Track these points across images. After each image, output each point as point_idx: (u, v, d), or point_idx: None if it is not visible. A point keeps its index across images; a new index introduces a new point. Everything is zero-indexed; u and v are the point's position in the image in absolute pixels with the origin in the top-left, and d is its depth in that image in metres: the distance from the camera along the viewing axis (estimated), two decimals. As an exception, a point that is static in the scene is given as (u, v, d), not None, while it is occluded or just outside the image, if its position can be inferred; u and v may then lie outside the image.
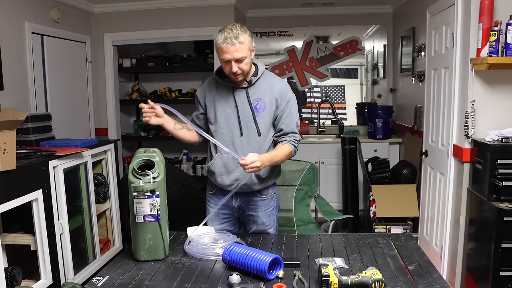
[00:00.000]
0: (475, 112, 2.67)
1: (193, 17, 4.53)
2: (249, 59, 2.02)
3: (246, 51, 1.98)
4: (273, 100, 2.11)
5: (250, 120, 2.10)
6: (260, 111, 2.10)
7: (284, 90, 2.13)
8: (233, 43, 1.93)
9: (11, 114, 2.34)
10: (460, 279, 2.87)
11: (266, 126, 2.13)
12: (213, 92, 2.16)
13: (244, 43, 1.95)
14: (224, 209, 2.24)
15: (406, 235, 2.16)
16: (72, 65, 4.33)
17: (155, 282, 1.67)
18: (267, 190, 2.25)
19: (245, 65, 2.00)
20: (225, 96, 2.12)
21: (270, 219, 2.27)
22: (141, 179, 1.82)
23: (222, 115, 2.12)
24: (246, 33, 1.99)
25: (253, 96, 2.11)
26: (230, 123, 2.11)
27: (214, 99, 2.15)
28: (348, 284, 1.51)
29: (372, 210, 3.94)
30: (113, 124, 4.87)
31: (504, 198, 2.43)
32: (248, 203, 2.22)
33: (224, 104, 2.12)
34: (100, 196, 3.27)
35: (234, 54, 1.95)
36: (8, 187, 2.25)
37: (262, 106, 2.10)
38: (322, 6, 4.95)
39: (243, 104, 2.10)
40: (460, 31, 2.81)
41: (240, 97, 2.11)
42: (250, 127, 2.10)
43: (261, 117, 2.11)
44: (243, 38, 1.95)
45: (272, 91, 2.12)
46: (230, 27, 1.97)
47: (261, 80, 2.13)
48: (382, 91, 5.28)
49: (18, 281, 2.29)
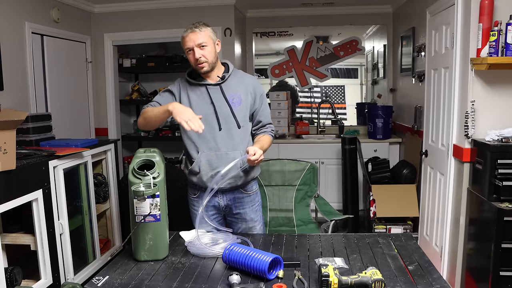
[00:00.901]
0: (475, 112, 2.67)
1: (193, 17, 4.50)
2: (213, 49, 2.11)
3: (208, 39, 2.09)
4: (248, 94, 2.20)
5: (228, 114, 2.15)
6: (236, 105, 2.17)
7: (256, 84, 2.26)
8: (193, 30, 2.07)
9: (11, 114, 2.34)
10: (460, 279, 2.87)
11: (245, 119, 2.20)
12: (186, 92, 2.19)
13: (204, 32, 2.09)
14: (211, 210, 2.26)
15: (406, 235, 2.16)
16: (72, 65, 4.33)
17: (155, 282, 1.67)
18: (251, 186, 2.29)
19: (208, 52, 2.09)
20: (200, 94, 2.17)
21: (257, 214, 2.32)
22: (141, 179, 1.82)
23: (199, 113, 2.08)
24: (209, 27, 2.14)
25: (228, 92, 2.17)
26: (208, 119, 2.13)
27: (189, 99, 2.17)
28: (348, 284, 1.50)
29: (372, 210, 3.94)
30: (113, 124, 4.87)
31: (504, 198, 2.43)
32: (235, 201, 2.25)
33: (199, 102, 2.16)
34: (100, 196, 3.27)
35: (195, 40, 2.07)
36: (8, 187, 2.25)
37: (238, 100, 2.18)
38: (322, 6, 4.95)
39: (219, 99, 2.16)
40: (460, 31, 2.81)
41: (215, 94, 2.16)
42: (229, 121, 2.15)
43: (238, 110, 2.17)
44: (204, 28, 2.10)
45: (246, 86, 2.21)
46: (193, 23, 2.12)
47: (232, 76, 2.22)
48: (382, 91, 5.28)
49: (18, 281, 2.29)
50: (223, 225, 2.34)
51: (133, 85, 5.41)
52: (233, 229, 2.31)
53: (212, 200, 2.23)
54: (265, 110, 2.27)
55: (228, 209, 2.27)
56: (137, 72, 5.50)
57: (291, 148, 4.73)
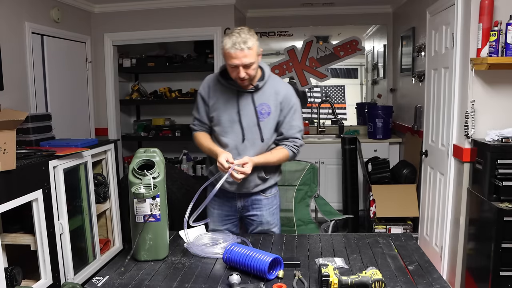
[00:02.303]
0: (475, 112, 2.67)
1: (193, 17, 4.53)
2: (257, 64, 1.99)
3: (254, 57, 1.94)
4: (278, 104, 2.09)
5: (254, 125, 2.07)
6: (265, 116, 2.07)
7: (288, 95, 2.11)
8: (241, 48, 1.89)
9: (11, 114, 2.34)
10: (460, 279, 2.87)
11: (270, 132, 2.11)
12: (216, 93, 2.11)
13: (252, 49, 1.92)
14: (227, 211, 2.24)
15: (406, 235, 2.16)
16: (72, 65, 4.33)
17: (155, 282, 1.67)
18: (271, 189, 2.25)
19: (252, 70, 1.97)
20: (229, 99, 2.08)
21: (274, 217, 2.28)
22: (141, 179, 1.82)
23: (226, 119, 2.08)
24: (254, 37, 1.96)
25: (258, 101, 2.07)
26: (233, 127, 2.08)
27: (218, 101, 2.10)
28: (348, 284, 1.50)
29: (372, 210, 3.94)
30: (113, 124, 4.87)
31: (504, 198, 2.43)
32: (252, 203, 2.22)
33: (227, 107, 2.08)
34: (100, 196, 3.27)
35: (242, 60, 1.91)
36: (8, 187, 2.25)
37: (267, 110, 2.07)
38: (322, 6, 4.95)
39: (248, 108, 2.06)
40: (460, 31, 2.81)
41: (245, 102, 2.07)
42: (254, 132, 2.08)
43: (265, 122, 2.08)
44: (252, 43, 1.92)
45: (277, 95, 2.09)
46: (238, 31, 1.92)
47: (267, 84, 2.09)
48: (382, 91, 5.28)
49: (18, 281, 2.29)
50: (237, 227, 2.30)
51: (133, 85, 5.41)
52: (247, 230, 2.30)
53: (230, 201, 2.21)
54: (290, 123, 2.11)
55: (245, 210, 2.24)
56: (137, 72, 5.50)
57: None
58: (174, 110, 5.44)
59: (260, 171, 2.14)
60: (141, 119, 5.60)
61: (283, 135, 2.14)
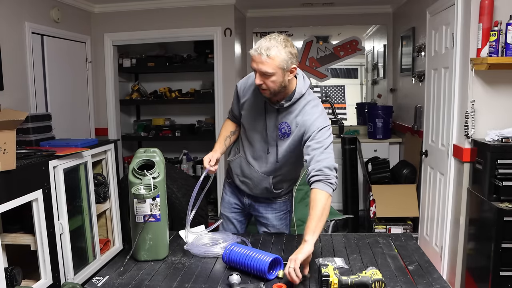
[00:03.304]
0: (475, 112, 2.67)
1: (193, 17, 4.53)
2: (280, 79, 1.79)
3: (275, 68, 1.76)
4: (299, 129, 1.91)
5: (274, 142, 1.99)
6: (284, 136, 1.95)
7: (313, 124, 1.86)
8: (260, 53, 1.75)
9: (11, 114, 2.34)
10: (460, 279, 2.87)
11: (291, 156, 1.99)
12: (250, 93, 2.02)
13: (273, 59, 1.74)
14: (235, 201, 2.26)
15: (406, 235, 2.16)
16: (72, 65, 4.33)
17: (155, 282, 1.67)
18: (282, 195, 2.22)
19: (271, 82, 1.79)
20: (258, 107, 1.99)
21: (281, 222, 2.23)
22: (141, 179, 1.82)
23: (252, 126, 2.03)
24: (285, 49, 1.75)
25: (281, 119, 1.94)
26: (255, 136, 2.02)
27: (248, 102, 2.02)
28: (348, 284, 1.50)
29: (372, 210, 3.94)
30: (113, 124, 4.87)
31: (504, 198, 2.43)
32: (259, 204, 2.21)
33: (255, 115, 2.00)
34: (100, 196, 3.27)
35: (259, 66, 1.77)
36: (8, 187, 2.25)
37: (287, 131, 1.94)
38: (322, 6, 4.95)
39: (271, 123, 1.97)
40: (460, 31, 2.81)
41: (270, 115, 1.96)
42: (273, 149, 2.01)
43: (284, 142, 1.97)
44: (275, 53, 1.74)
45: (301, 121, 1.90)
46: (271, 37, 1.79)
47: (296, 105, 1.92)
48: (382, 91, 5.28)
49: (18, 281, 2.28)
50: (244, 218, 2.30)
51: (133, 85, 5.41)
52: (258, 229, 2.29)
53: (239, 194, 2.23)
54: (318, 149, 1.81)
55: (252, 209, 2.24)
56: (137, 72, 5.50)
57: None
58: (174, 110, 5.44)
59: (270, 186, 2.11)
60: (141, 119, 5.60)
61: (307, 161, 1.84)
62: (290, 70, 1.81)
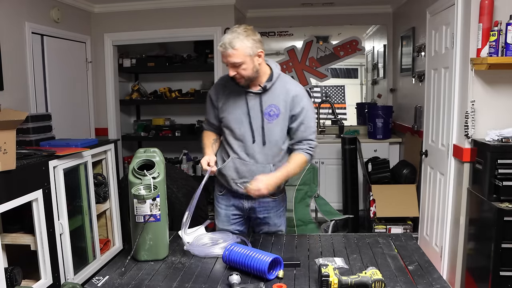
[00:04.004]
0: (475, 112, 2.66)
1: (193, 17, 4.53)
2: (250, 65, 1.94)
3: (242, 57, 1.90)
4: (287, 105, 2.04)
5: (259, 128, 2.05)
6: (273, 118, 2.04)
7: (299, 95, 2.05)
8: (225, 48, 1.90)
9: (11, 114, 2.34)
10: (460, 279, 2.87)
11: (280, 134, 2.07)
12: (226, 94, 2.10)
13: (238, 49, 1.89)
14: (234, 210, 2.23)
15: (406, 235, 2.16)
16: (72, 65, 4.33)
17: (155, 282, 1.67)
18: (279, 192, 2.24)
19: (243, 70, 1.94)
20: (238, 100, 2.06)
21: (281, 219, 2.27)
22: (141, 179, 1.82)
23: (235, 120, 2.07)
24: (247, 38, 1.91)
25: (266, 102, 2.03)
26: (242, 128, 2.06)
27: (227, 102, 2.09)
28: (348, 284, 1.50)
29: (372, 210, 3.94)
30: (113, 124, 4.87)
31: (504, 198, 2.43)
32: (260, 205, 2.20)
33: (236, 108, 2.06)
34: (100, 196, 3.27)
35: (228, 59, 1.92)
36: (8, 187, 2.25)
37: (276, 112, 2.03)
38: (322, 6, 4.95)
39: (256, 110, 2.04)
40: (460, 31, 2.81)
41: (252, 103, 2.04)
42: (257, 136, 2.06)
43: (273, 124, 2.05)
44: (239, 44, 1.88)
45: (287, 96, 2.04)
46: (232, 30, 1.93)
47: (276, 84, 2.05)
48: (382, 91, 5.28)
49: (18, 281, 2.29)
50: (245, 226, 2.30)
51: (133, 85, 5.41)
52: (255, 230, 2.30)
53: (237, 201, 2.21)
54: (305, 124, 2.06)
55: (252, 211, 2.22)
56: (137, 72, 5.49)
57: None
58: (174, 110, 5.44)
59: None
60: (141, 119, 5.60)
61: (296, 137, 2.09)
62: (257, 54, 1.96)
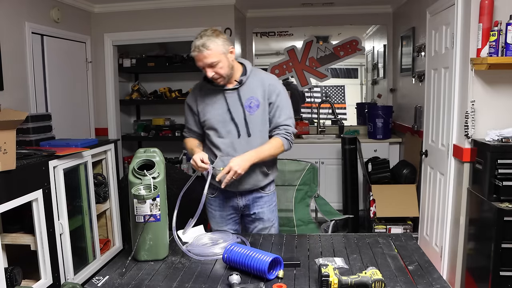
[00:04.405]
0: (475, 112, 2.66)
1: (193, 17, 4.53)
2: (225, 63, 2.04)
3: (217, 56, 1.99)
4: (264, 95, 2.14)
5: (242, 122, 2.12)
6: (254, 109, 2.12)
7: (273, 83, 2.16)
8: (200, 50, 1.98)
9: (11, 114, 2.34)
10: (460, 279, 2.87)
11: (263, 123, 2.15)
12: (203, 98, 2.18)
13: (212, 49, 1.98)
14: (228, 211, 2.28)
15: (406, 235, 2.16)
16: (72, 65, 4.33)
17: (155, 282, 1.67)
18: (270, 186, 2.29)
19: (220, 69, 2.02)
20: (217, 100, 2.14)
21: (273, 214, 2.32)
22: (141, 179, 1.82)
23: (217, 120, 2.13)
24: (218, 37, 2.01)
25: (245, 96, 2.12)
26: (226, 126, 2.13)
27: (206, 104, 2.16)
28: (348, 284, 1.50)
29: (372, 210, 3.94)
30: (113, 124, 4.87)
31: (504, 198, 2.43)
32: (254, 201, 2.25)
33: (217, 108, 2.14)
34: (100, 196, 3.27)
35: (204, 61, 2.00)
36: (8, 187, 2.25)
37: (256, 103, 2.12)
38: (322, 6, 4.95)
39: (236, 105, 2.12)
40: (460, 31, 2.81)
41: (232, 99, 2.12)
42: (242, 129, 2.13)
43: (255, 115, 2.12)
44: (211, 44, 1.98)
45: (262, 85, 2.14)
46: (201, 34, 2.00)
47: (251, 78, 2.15)
48: (382, 91, 5.28)
49: (18, 281, 2.29)
50: (239, 224, 2.34)
51: (133, 85, 5.41)
52: (248, 229, 2.32)
53: (231, 201, 2.25)
54: (280, 110, 2.16)
55: (247, 209, 2.27)
56: (137, 72, 5.50)
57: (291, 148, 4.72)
58: (174, 110, 5.44)
59: (262, 166, 2.18)
60: (141, 119, 5.60)
61: (274, 123, 2.18)
62: (229, 51, 2.05)
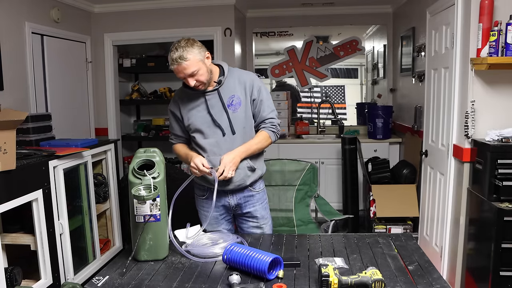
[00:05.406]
0: (475, 112, 2.66)
1: (193, 17, 4.53)
2: (204, 69, 2.06)
3: (196, 65, 2.02)
4: (245, 91, 2.16)
5: (225, 121, 2.14)
6: (236, 107, 2.15)
7: (251, 80, 2.19)
8: (178, 63, 2.00)
9: (11, 114, 2.34)
10: (460, 279, 2.87)
11: (247, 119, 2.18)
12: (185, 103, 2.19)
13: (190, 59, 2.00)
14: (221, 211, 2.28)
15: (406, 235, 2.16)
16: (72, 65, 4.33)
17: (155, 282, 1.67)
18: (259, 184, 2.30)
19: (200, 76, 2.05)
20: (198, 104, 2.16)
21: (266, 212, 2.33)
22: (141, 179, 1.82)
23: (201, 122, 2.15)
24: (193, 46, 2.03)
25: (226, 95, 2.15)
26: (210, 127, 2.15)
27: (189, 109, 2.18)
28: (348, 284, 1.50)
29: (372, 210, 3.94)
30: (113, 124, 4.87)
31: (504, 198, 2.43)
32: (246, 200, 2.25)
33: (200, 110, 2.16)
34: (100, 196, 3.27)
35: (185, 72, 2.02)
36: (8, 187, 2.25)
37: (238, 101, 2.15)
38: (322, 6, 4.95)
39: (217, 106, 2.14)
40: (460, 31, 2.81)
41: (213, 100, 2.14)
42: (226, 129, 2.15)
43: (239, 113, 2.15)
44: (188, 55, 2.00)
45: (243, 84, 2.17)
46: (176, 46, 2.03)
47: (230, 77, 2.18)
48: (382, 91, 5.28)
49: (18, 281, 2.29)
50: (232, 224, 2.35)
51: (133, 85, 5.41)
52: (242, 228, 2.32)
53: (222, 200, 2.24)
54: (263, 104, 2.20)
55: (238, 208, 2.27)
56: (137, 72, 5.50)
57: (291, 148, 4.73)
58: (174, 110, 5.44)
59: (248, 161, 2.19)
60: (141, 119, 5.60)
61: (258, 119, 2.21)
62: (205, 57, 2.09)
